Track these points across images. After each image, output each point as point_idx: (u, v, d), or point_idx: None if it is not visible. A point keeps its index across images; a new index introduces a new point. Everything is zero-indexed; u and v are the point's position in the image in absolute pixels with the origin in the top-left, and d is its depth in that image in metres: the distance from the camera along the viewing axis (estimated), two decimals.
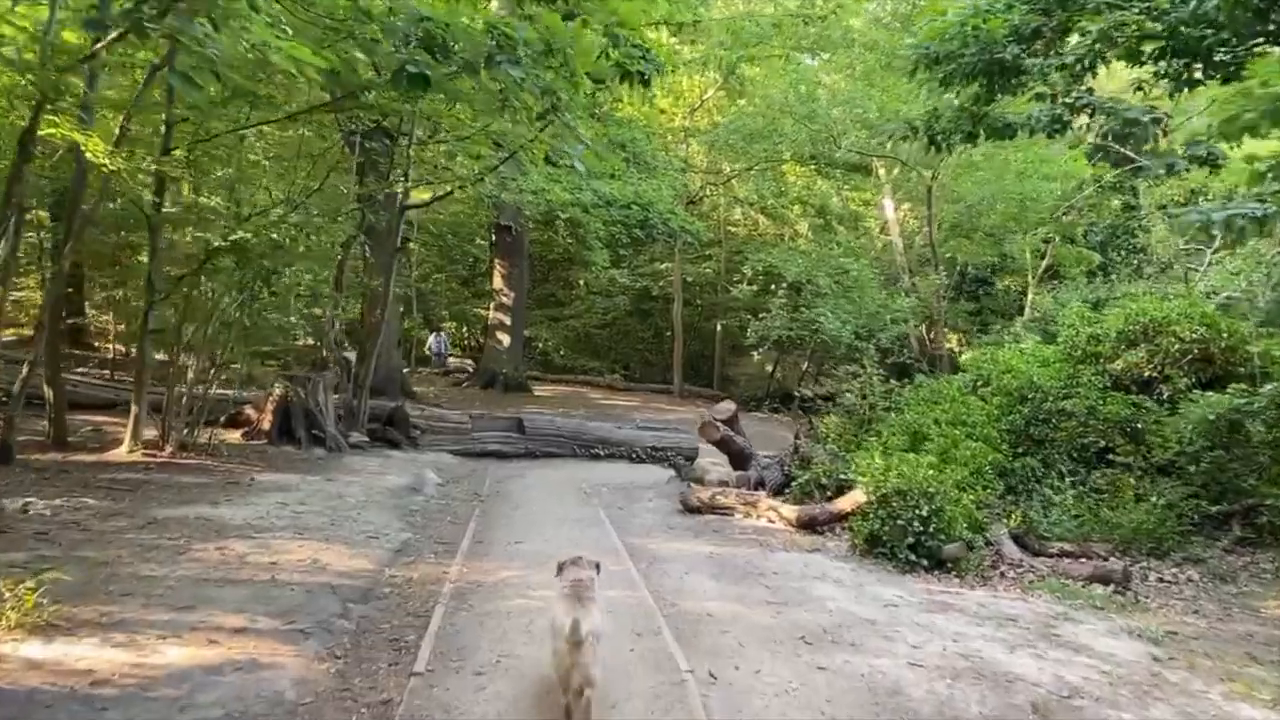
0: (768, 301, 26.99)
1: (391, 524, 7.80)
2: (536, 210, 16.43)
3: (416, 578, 6.24)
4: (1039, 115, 7.34)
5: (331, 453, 10.94)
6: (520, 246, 24.71)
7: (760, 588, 6.70)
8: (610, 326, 31.64)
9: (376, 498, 8.82)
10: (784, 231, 30.43)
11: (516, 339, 24.76)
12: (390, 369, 19.91)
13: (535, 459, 12.50)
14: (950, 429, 10.90)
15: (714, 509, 9.42)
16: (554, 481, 11.04)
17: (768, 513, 9.28)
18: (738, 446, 10.49)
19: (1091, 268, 23.54)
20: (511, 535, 7.79)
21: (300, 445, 10.88)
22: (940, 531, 8.10)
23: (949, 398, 12.05)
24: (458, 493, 9.95)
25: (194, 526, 6.77)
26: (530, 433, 12.59)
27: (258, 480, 8.93)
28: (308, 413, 11.04)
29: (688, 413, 24.81)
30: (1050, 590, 7.77)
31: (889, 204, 21.81)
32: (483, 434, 12.33)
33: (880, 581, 7.36)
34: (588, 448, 12.89)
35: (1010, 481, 11.04)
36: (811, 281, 21.82)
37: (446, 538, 7.67)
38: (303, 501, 8.15)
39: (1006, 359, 13.36)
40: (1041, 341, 14.74)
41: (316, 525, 7.26)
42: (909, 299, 16.15)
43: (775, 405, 26.07)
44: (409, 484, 9.70)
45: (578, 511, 9.22)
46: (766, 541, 8.44)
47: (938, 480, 8.63)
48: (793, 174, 26.91)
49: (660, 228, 18.59)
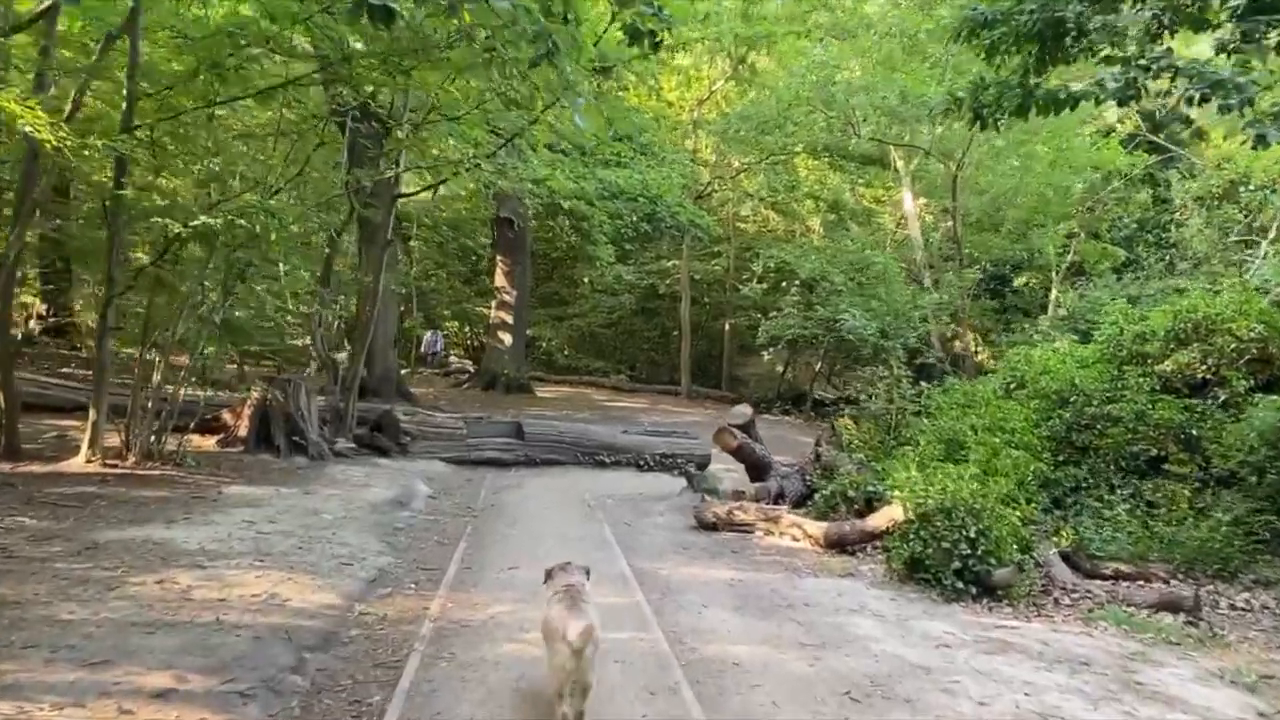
0: (778, 300, 26.09)
1: (370, 546, 6.90)
2: (538, 202, 15.54)
3: (391, 615, 5.34)
4: (1110, 79, 6.41)
5: (313, 461, 10.06)
6: (522, 242, 23.84)
7: (791, 624, 5.79)
8: (615, 326, 30.76)
9: (356, 514, 7.92)
10: (795, 228, 29.48)
11: (518, 338, 23.90)
12: (387, 369, 19.08)
13: (535, 467, 11.61)
14: (988, 436, 9.97)
15: (731, 525, 8.51)
16: (555, 493, 10.14)
17: (791, 530, 8.37)
18: (756, 456, 9.58)
19: (1116, 264, 22.58)
20: (505, 558, 6.89)
21: (279, 453, 10.00)
22: (989, 554, 7.18)
23: (984, 401, 11.11)
24: (449, 506, 9.05)
25: (138, 552, 5.88)
26: (530, 439, 11.69)
27: (225, 494, 8.05)
28: (288, 417, 10.16)
29: (697, 415, 23.90)
30: (1115, 621, 6.86)
31: (908, 197, 20.87)
32: (479, 440, 11.43)
33: (926, 614, 6.45)
34: (592, 454, 11.99)
35: (1054, 493, 10.14)
36: (826, 278, 20.87)
37: (431, 562, 6.77)
38: (272, 519, 7.27)
39: (1043, 359, 12.43)
40: (1077, 341, 13.80)
41: (282, 549, 6.37)
42: (933, 296, 15.20)
43: (787, 406, 25.17)
44: (395, 497, 8.81)
45: (580, 528, 8.32)
46: (793, 564, 7.53)
47: (983, 496, 7.72)
48: (805, 167, 25.97)
49: (668, 221, 17.68)
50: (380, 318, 19.00)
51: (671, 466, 12.32)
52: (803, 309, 22.86)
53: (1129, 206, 22.04)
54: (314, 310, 12.19)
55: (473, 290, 31.56)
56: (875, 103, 16.50)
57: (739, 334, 29.33)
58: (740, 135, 22.62)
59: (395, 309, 20.01)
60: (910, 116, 16.64)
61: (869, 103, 16.70)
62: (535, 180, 13.14)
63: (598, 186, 13.62)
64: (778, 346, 23.91)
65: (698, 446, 13.01)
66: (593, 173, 13.19)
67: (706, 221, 19.88)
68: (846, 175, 25.26)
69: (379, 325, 18.97)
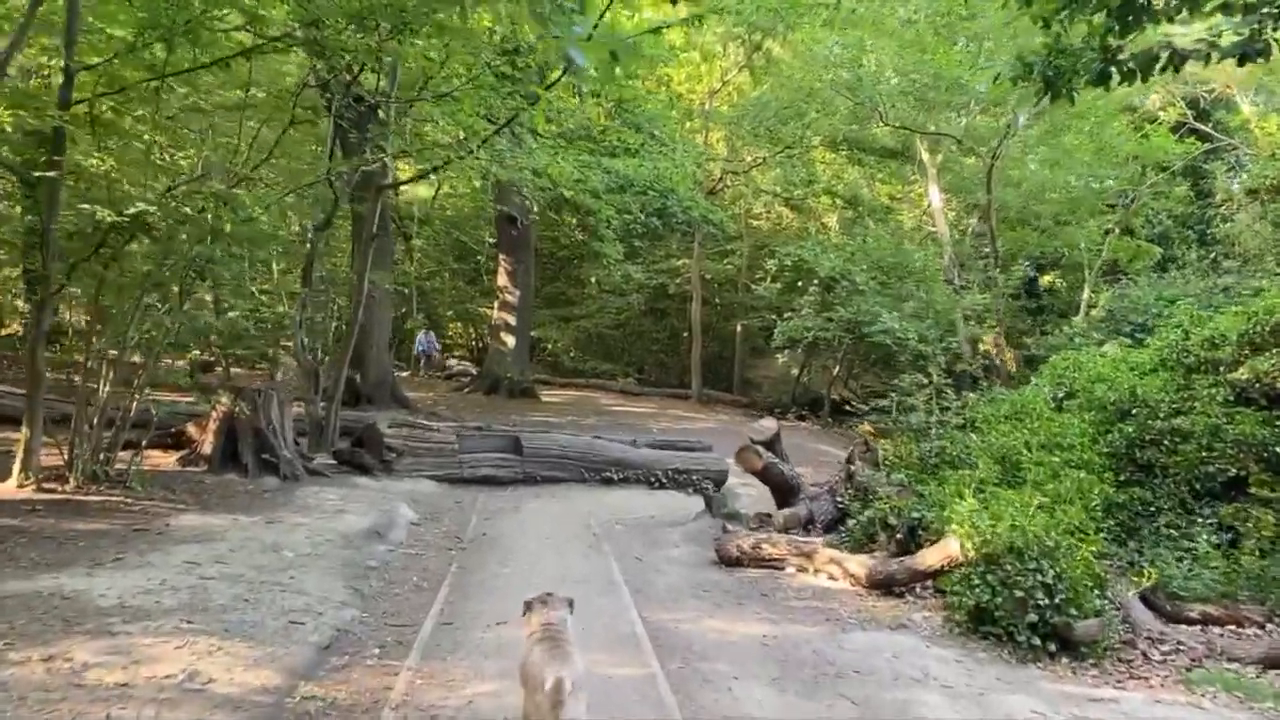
0: (793, 300, 24.95)
1: (333, 593, 5.80)
2: (542, 195, 14.43)
3: (343, 699, 4.23)
4: (1230, 31, 5.28)
5: (285, 482, 8.96)
6: (526, 240, 22.75)
7: (843, 703, 4.66)
8: (623, 327, 29.66)
9: (324, 549, 6.82)
10: (810, 225, 28.29)
11: (522, 340, 22.81)
12: (381, 374, 18.02)
13: (535, 485, 10.48)
14: (1046, 455, 8.82)
15: (758, 561, 7.37)
16: (556, 517, 9.01)
17: (828, 566, 7.22)
18: (784, 478, 8.44)
19: (1152, 262, 21.36)
20: (493, 609, 5.77)
21: (247, 473, 8.91)
22: (1070, 603, 6.04)
23: (1036, 414, 9.94)
24: (434, 536, 7.94)
25: (39, 611, 4.79)
26: (529, 454, 10.57)
27: (174, 526, 6.96)
28: (257, 433, 9.07)
29: (709, 421, 22.74)
30: (1225, 686, 5.71)
31: (934, 191, 19.69)
32: (472, 455, 10.31)
33: (1003, 681, 5.30)
34: (598, 471, 10.86)
35: (1118, 518, 8.99)
36: (847, 278, 19.70)
37: (405, 614, 5.67)
38: (221, 559, 6.17)
39: (1096, 366, 11.27)
40: (1129, 345, 12.61)
41: (223, 602, 5.26)
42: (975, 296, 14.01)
43: (803, 411, 24.02)
44: (372, 526, 7.70)
45: (584, 565, 7.20)
46: (833, 612, 6.39)
47: (1056, 531, 6.58)
48: (822, 161, 24.79)
49: (680, 216, 16.55)
50: (375, 319, 17.98)
51: (686, 484, 11.20)
52: (820, 310, 21.74)
53: (1167, 201, 20.78)
54: (294, 312, 11.09)
55: (476, 290, 30.55)
56: (905, 87, 15.30)
57: (750, 335, 28.21)
58: (754, 127, 21.48)
59: (391, 310, 18.94)
60: (941, 103, 15.49)
61: (898, 87, 15.52)
62: (536, 170, 12.02)
63: (604, 178, 12.44)
64: (796, 349, 22.77)
65: (713, 461, 11.89)
66: (599, 162, 12.05)
67: (720, 217, 18.74)
68: (866, 169, 24.06)
69: (373, 327, 17.92)
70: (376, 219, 11.06)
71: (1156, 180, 18.62)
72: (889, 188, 29.14)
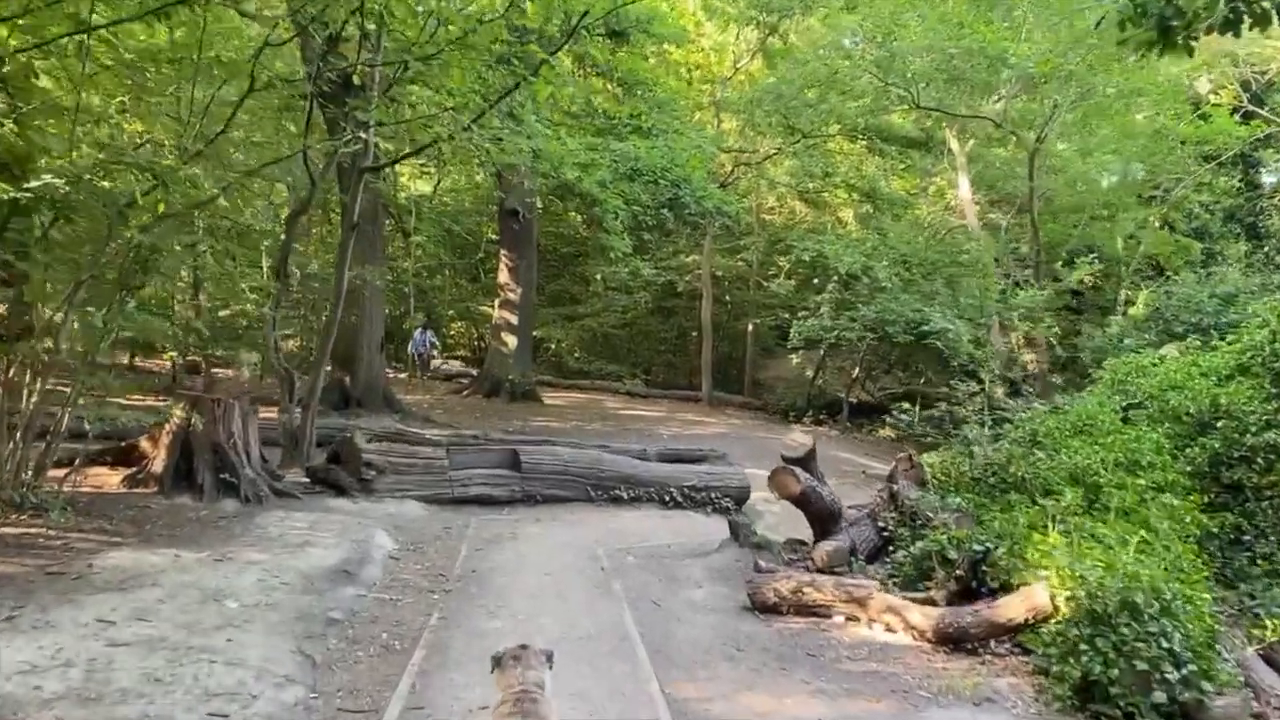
0: (808, 298, 23.75)
1: (278, 662, 4.62)
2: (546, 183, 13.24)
3: None
4: None
5: (247, 505, 7.79)
6: (529, 235, 21.59)
7: None
8: (629, 326, 28.47)
9: (279, 595, 5.64)
10: (826, 219, 27.04)
11: (524, 340, 21.64)
12: (373, 376, 16.86)
13: (535, 505, 9.29)
14: (1127, 476, 7.60)
15: (800, 608, 6.17)
16: (558, 547, 7.81)
17: (885, 616, 6.02)
18: (823, 504, 7.23)
19: (1193, 258, 20.09)
20: (478, 684, 4.56)
21: (202, 495, 7.74)
22: (1200, 674, 4.83)
23: (1106, 427, 8.71)
24: (414, 573, 6.76)
25: None
26: (529, 470, 9.37)
27: (98, 567, 5.77)
28: (215, 448, 7.90)
29: (720, 425, 21.53)
30: None
31: (964, 181, 18.46)
32: (463, 473, 9.11)
33: None
34: (605, 489, 9.66)
35: (1208, 548, 7.76)
36: (868, 274, 18.47)
37: (365, 694, 4.48)
38: (144, 614, 5.00)
39: (1164, 372, 10.04)
40: (1196, 348, 11.36)
41: (125, 685, 4.09)
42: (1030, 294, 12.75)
43: (820, 415, 22.81)
44: (340, 562, 6.52)
45: (590, 615, 5.99)
46: (898, 680, 5.18)
47: (1168, 577, 5.37)
48: (840, 151, 23.54)
49: (693, 208, 15.33)
50: (366, 317, 16.82)
51: (704, 503, 10.02)
52: (838, 308, 20.54)
53: (1210, 193, 19.49)
54: (267, 309, 9.93)
55: (477, 288, 29.43)
56: (940, 64, 14.04)
57: (760, 335, 27.04)
58: (769, 115, 20.23)
59: (384, 308, 17.76)
60: (979, 83, 14.25)
61: (932, 64, 14.27)
62: (535, 152, 10.81)
63: (613, 163, 11.18)
64: (819, 349, 21.58)
65: (733, 476, 10.69)
66: (606, 144, 10.81)
67: (735, 208, 17.51)
68: (887, 160, 22.80)
69: (365, 326, 16.78)
70: (358, 206, 9.87)
71: (1204, 170, 17.35)
72: (903, 182, 27.90)
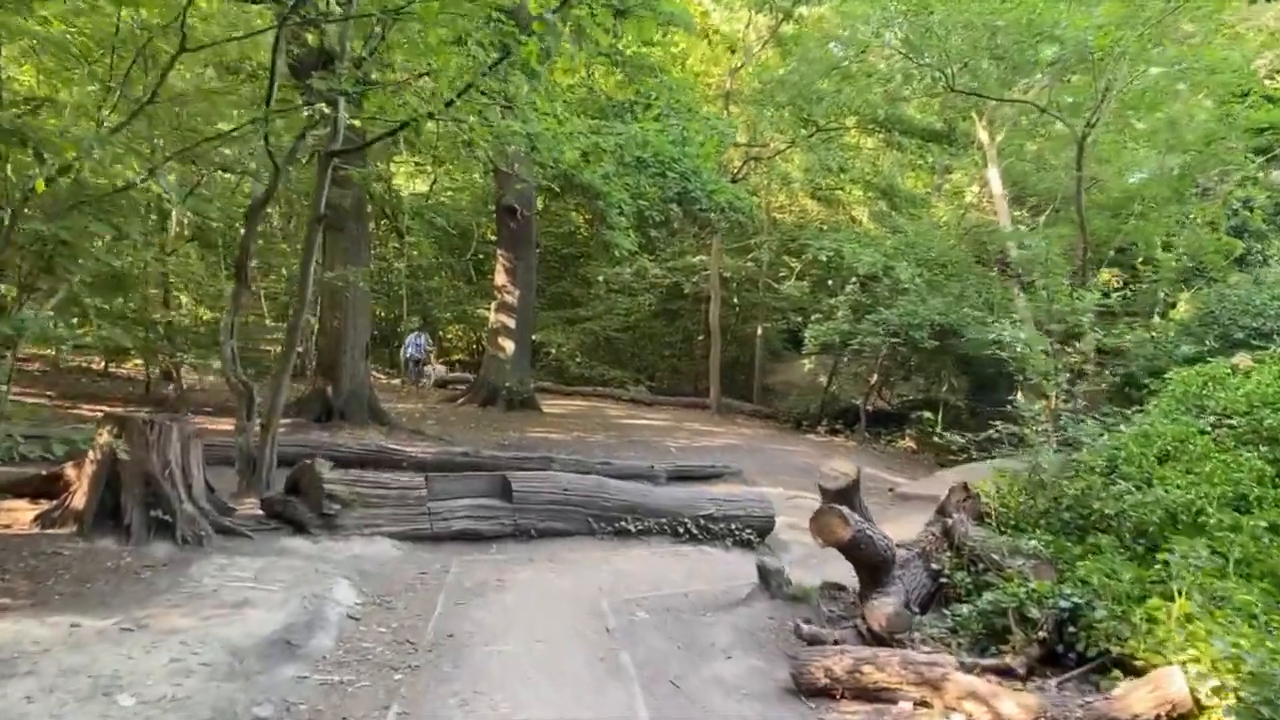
0: (820, 300, 22.55)
1: None
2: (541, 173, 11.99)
3: None
4: None
5: (184, 548, 6.54)
6: (528, 234, 20.36)
7: None
8: (633, 330, 27.25)
9: (193, 684, 4.39)
10: (838, 218, 25.81)
11: (522, 345, 20.40)
12: (357, 386, 15.61)
13: (529, 540, 8.02)
14: (1240, 517, 6.33)
15: (857, 692, 4.91)
16: (553, 600, 6.54)
17: (966, 704, 4.74)
18: (875, 550, 5.94)
19: (1234, 257, 18.84)
20: None
21: (129, 536, 6.49)
22: None
23: (1198, 453, 7.44)
24: (376, 640, 5.49)
25: None
26: (521, 500, 8.10)
27: None
28: (148, 479, 6.65)
29: (731, 436, 20.26)
30: None
31: (995, 175, 17.19)
32: (445, 504, 7.84)
33: None
34: (610, 521, 8.39)
35: None
36: (889, 274, 17.24)
37: None
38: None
39: (1250, 386, 8.77)
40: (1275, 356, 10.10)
41: None
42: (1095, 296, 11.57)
43: (836, 424, 21.57)
44: (283, 629, 5.26)
45: (593, 705, 4.72)
46: None
47: None
48: (856, 145, 22.30)
49: (704, 202, 14.08)
50: (350, 322, 15.60)
51: (722, 535, 8.75)
52: (855, 311, 19.34)
53: (1255, 188, 18.22)
54: (226, 315, 8.70)
55: (474, 290, 28.25)
56: (983, 40, 12.75)
57: (767, 339, 25.85)
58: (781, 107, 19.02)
59: (369, 311, 16.52)
60: (1025, 63, 12.99)
61: (974, 40, 12.99)
62: (532, 138, 9.57)
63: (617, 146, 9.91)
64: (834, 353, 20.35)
65: (755, 503, 9.42)
66: (610, 127, 9.54)
67: (749, 204, 16.26)
68: (907, 154, 21.56)
69: (348, 331, 15.54)
70: (324, 195, 8.61)
71: (1256, 165, 16.09)
72: (915, 179, 26.70)
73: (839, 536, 5.66)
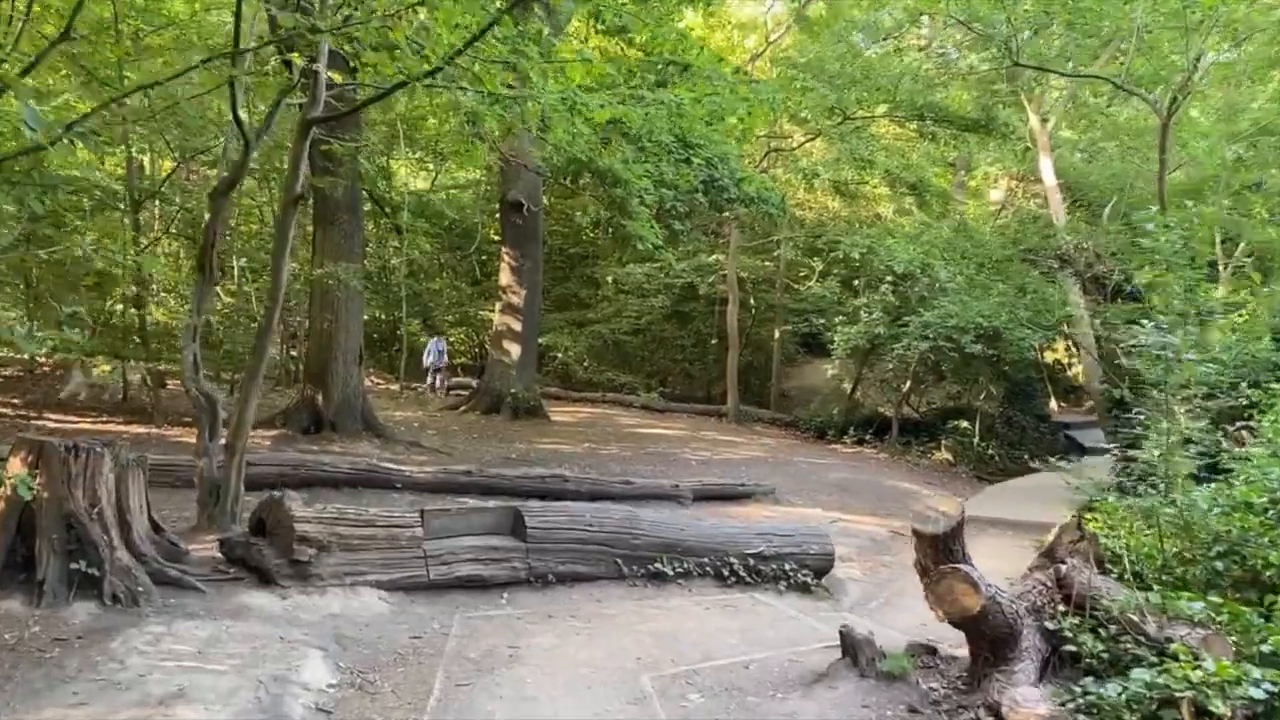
0: (846, 301, 21.22)
1: None
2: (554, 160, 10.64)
3: None
4: None
5: (113, 608, 5.16)
6: (534, 231, 19.01)
7: None
8: (644, 333, 25.91)
9: None
10: (862, 215, 24.47)
11: (528, 349, 19.05)
12: (349, 394, 14.22)
13: (546, 588, 6.64)
14: None
15: None
16: (581, 677, 5.14)
17: None
18: (1003, 621, 4.55)
19: None
20: None
21: (41, 595, 5.11)
22: None
23: None
24: None
25: None
26: (536, 538, 6.73)
27: None
28: (70, 522, 5.28)
29: (752, 446, 18.84)
30: None
31: (1047, 165, 15.83)
32: (445, 544, 6.46)
33: None
34: (643, 563, 7.02)
35: None
36: (927, 272, 15.89)
37: None
38: None
39: None
40: None
41: None
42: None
43: (863, 435, 20.18)
44: None
45: None
46: None
47: None
48: (886, 136, 20.96)
49: (731, 191, 12.73)
50: (341, 325, 14.22)
51: (775, 577, 7.36)
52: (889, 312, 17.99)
53: None
54: (187, 316, 7.35)
55: (476, 291, 26.97)
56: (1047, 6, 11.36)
57: (783, 343, 24.53)
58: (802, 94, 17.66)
59: (362, 313, 15.16)
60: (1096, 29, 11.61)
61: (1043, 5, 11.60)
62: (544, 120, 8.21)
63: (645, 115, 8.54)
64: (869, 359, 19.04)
65: (809, 537, 8.01)
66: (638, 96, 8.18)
67: (777, 196, 14.90)
68: (938, 145, 20.22)
69: (339, 335, 14.15)
70: (301, 173, 7.24)
71: None
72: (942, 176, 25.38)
73: (966, 607, 4.28)
